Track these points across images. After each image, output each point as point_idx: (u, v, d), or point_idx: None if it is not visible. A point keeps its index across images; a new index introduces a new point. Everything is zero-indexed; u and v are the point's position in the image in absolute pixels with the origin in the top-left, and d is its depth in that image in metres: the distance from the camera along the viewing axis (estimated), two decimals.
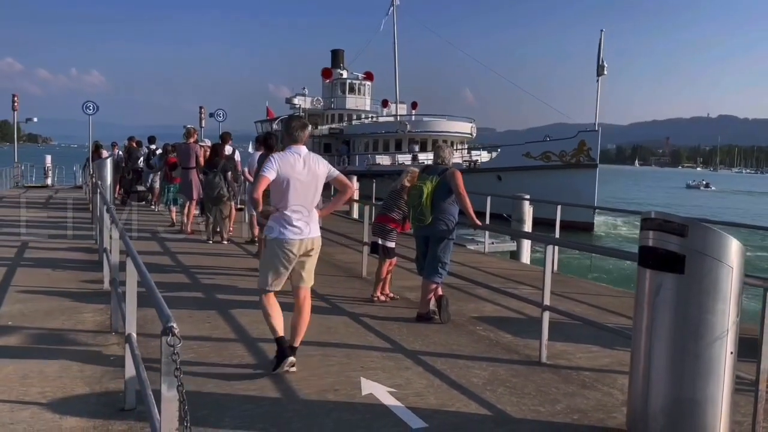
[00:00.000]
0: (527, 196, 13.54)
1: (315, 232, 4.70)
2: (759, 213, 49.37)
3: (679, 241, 3.40)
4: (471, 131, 42.23)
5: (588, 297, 7.93)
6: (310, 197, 4.63)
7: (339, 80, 46.51)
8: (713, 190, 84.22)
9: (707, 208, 49.50)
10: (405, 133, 39.78)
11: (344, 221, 14.67)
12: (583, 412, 4.15)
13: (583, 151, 29.50)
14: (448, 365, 4.98)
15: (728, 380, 3.38)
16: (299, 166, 4.57)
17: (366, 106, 47.10)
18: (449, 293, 6.97)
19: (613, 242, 24.38)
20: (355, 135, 43.37)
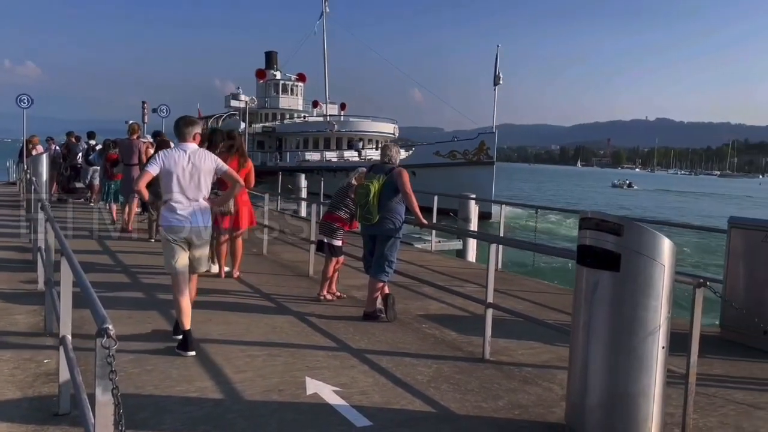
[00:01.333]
0: (473, 195, 13.73)
1: (201, 221, 5.09)
2: (668, 208, 51.66)
3: (615, 240, 3.51)
4: (393, 131, 46.10)
5: (531, 294, 8.11)
6: (193, 190, 5.03)
7: (273, 81, 49.34)
8: (635, 189, 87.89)
9: (615, 206, 52.08)
10: (333, 132, 43.64)
11: (290, 219, 14.55)
12: (524, 408, 4.24)
13: (483, 151, 32.89)
14: (394, 363, 5.01)
15: (660, 374, 3.51)
16: (183, 162, 5.02)
17: (299, 106, 50.23)
18: (396, 292, 7.00)
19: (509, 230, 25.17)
20: (286, 133, 46.47)
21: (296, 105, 50.19)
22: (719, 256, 6.47)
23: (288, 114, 49.29)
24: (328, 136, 44.09)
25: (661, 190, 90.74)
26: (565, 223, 30.15)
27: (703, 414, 4.23)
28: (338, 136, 44.21)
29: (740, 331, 6.03)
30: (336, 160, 41.29)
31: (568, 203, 52.70)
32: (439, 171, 32.14)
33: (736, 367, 5.40)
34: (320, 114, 49.18)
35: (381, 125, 46.21)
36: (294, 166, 38.54)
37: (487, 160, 32.62)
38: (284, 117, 49.09)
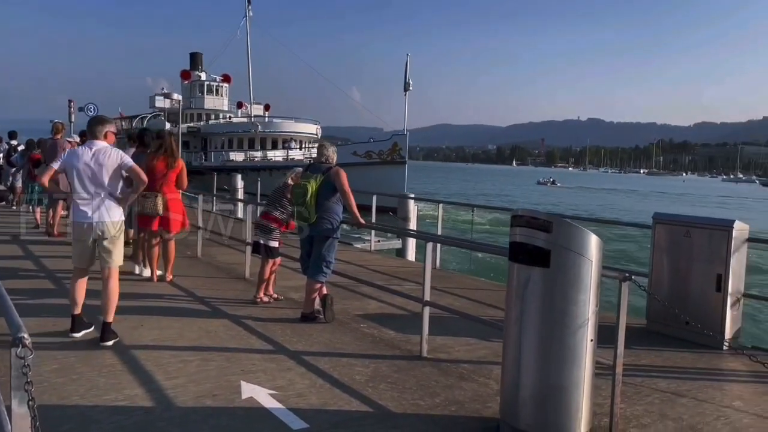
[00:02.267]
0: (412, 195, 13.84)
1: (105, 216, 5.23)
2: (595, 206, 53.76)
3: (544, 237, 3.59)
4: (316, 132, 48.45)
5: (468, 291, 8.24)
6: (95, 186, 5.18)
7: (198, 82, 50.31)
8: (558, 186, 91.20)
9: (534, 202, 54.25)
10: (257, 133, 45.34)
11: (226, 220, 14.27)
12: (460, 404, 4.29)
13: (396, 151, 35.41)
14: (332, 364, 4.98)
15: (589, 365, 3.61)
16: (86, 158, 5.19)
17: (224, 107, 51.53)
18: (334, 292, 6.97)
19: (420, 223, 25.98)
20: (211, 133, 47.52)
21: (221, 105, 51.47)
22: (647, 251, 6.73)
23: (213, 114, 50.80)
24: (252, 136, 45.78)
25: (581, 187, 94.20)
26: (483, 219, 30.95)
27: (630, 403, 4.39)
28: (262, 137, 46.03)
29: (665, 323, 6.29)
30: (260, 160, 43.04)
31: (487, 199, 54.19)
32: (356, 170, 34.75)
33: (661, 357, 5.63)
34: (245, 115, 50.71)
35: (304, 126, 48.64)
36: (219, 165, 40.23)
37: (399, 159, 35.15)
38: (209, 117, 50.49)
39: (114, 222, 5.28)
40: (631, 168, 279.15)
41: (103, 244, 5.27)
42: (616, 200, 61.06)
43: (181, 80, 50.25)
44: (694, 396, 4.64)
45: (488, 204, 33.16)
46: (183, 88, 50.59)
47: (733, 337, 5.98)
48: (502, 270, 3.87)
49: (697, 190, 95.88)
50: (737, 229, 5.92)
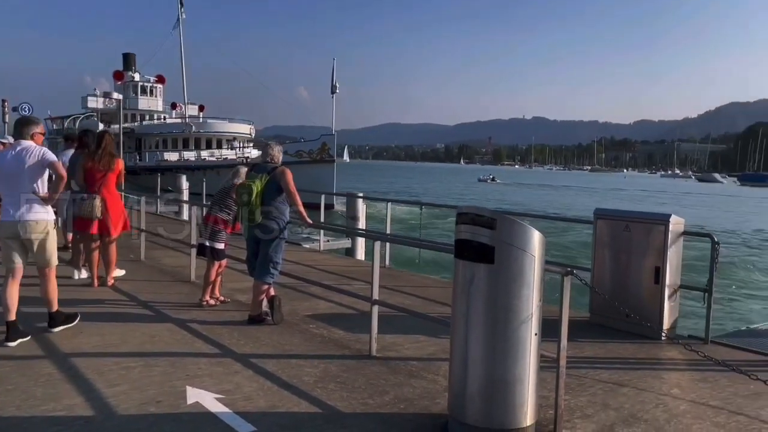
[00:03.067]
0: (360, 194, 13.82)
1: (28, 215, 5.23)
2: (542, 202, 55.12)
3: (489, 234, 3.64)
4: (250, 131, 50.01)
5: (418, 289, 8.28)
6: (19, 185, 5.20)
7: (131, 82, 50.81)
8: (498, 183, 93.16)
9: (467, 199, 55.23)
10: (191, 133, 46.51)
11: (170, 222, 13.97)
12: (409, 401, 4.30)
13: (325, 151, 36.94)
14: (280, 366, 4.92)
15: (534, 359, 3.68)
16: (10, 158, 5.23)
17: (158, 107, 52.44)
18: (282, 293, 6.90)
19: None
20: (145, 134, 48.28)
21: (156, 106, 52.37)
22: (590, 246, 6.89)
23: (147, 115, 51.49)
24: (186, 136, 46.79)
25: (518, 183, 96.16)
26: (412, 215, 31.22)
27: (574, 395, 4.50)
28: (196, 137, 47.09)
29: (607, 315, 6.47)
30: (194, 160, 43.91)
31: (433, 198, 54.81)
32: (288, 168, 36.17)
33: (604, 349, 5.78)
34: (180, 115, 51.41)
35: (237, 126, 50.00)
36: (153, 165, 41.40)
37: (328, 158, 36.74)
38: (144, 118, 51.11)
39: (38, 221, 5.26)
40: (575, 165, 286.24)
41: (32, 244, 5.28)
42: (556, 197, 62.55)
43: (113, 81, 50.34)
44: (635, 385, 4.79)
45: (423, 200, 33.50)
46: (116, 88, 50.79)
47: (671, 328, 6.20)
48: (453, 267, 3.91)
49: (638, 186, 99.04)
50: (673, 223, 6.13)
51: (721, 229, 30.88)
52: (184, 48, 51.49)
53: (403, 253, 15.50)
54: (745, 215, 44.15)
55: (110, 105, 49.34)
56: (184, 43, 51.40)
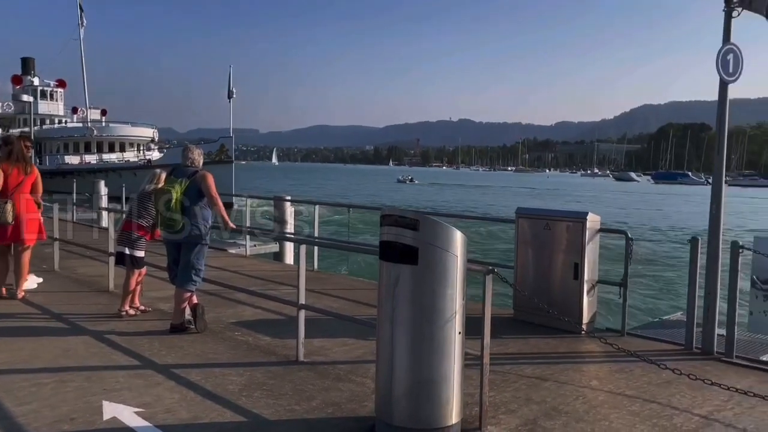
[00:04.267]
0: (288, 197, 13.66)
1: None
2: (470, 202, 56.47)
3: (412, 235, 3.66)
4: (153, 135, 50.80)
5: (346, 292, 8.25)
6: None
7: (30, 87, 49.78)
8: (416, 183, 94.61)
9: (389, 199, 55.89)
10: (93, 137, 46.86)
11: (86, 230, 13.36)
12: (337, 405, 4.27)
13: (223, 152, 38.32)
14: (204, 375, 4.79)
15: (458, 358, 3.73)
16: None
17: (59, 111, 52.38)
18: (206, 300, 6.73)
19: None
20: (46, 138, 47.80)
21: (56, 110, 52.28)
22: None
23: (48, 119, 51.12)
24: (88, 140, 47.09)
25: (433, 184, 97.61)
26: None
27: (499, 390, 4.59)
28: (98, 140, 47.41)
29: (530, 312, 6.65)
30: (95, 163, 44.31)
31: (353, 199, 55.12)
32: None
33: (528, 345, 5.94)
34: (81, 119, 51.55)
35: (140, 130, 50.66)
36: (53, 169, 41.37)
37: (227, 160, 37.90)
38: (44, 122, 50.54)
39: None
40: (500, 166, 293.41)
41: None
42: (475, 197, 63.81)
43: (12, 85, 50.02)
44: (557, 379, 4.94)
45: (345, 202, 33.59)
46: (15, 92, 50.06)
47: (589, 321, 6.43)
48: None
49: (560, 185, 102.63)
50: (590, 221, 6.37)
51: (637, 225, 32.40)
52: (84, 53, 52.32)
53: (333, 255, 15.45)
54: (659, 212, 46.51)
55: (8, 109, 49.79)
56: (85, 47, 52.06)
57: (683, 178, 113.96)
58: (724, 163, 5.77)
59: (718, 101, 5.70)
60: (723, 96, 5.67)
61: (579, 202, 56.01)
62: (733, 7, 5.50)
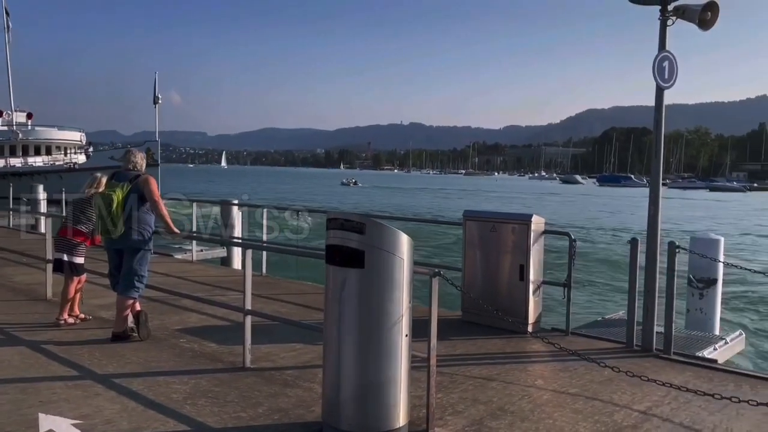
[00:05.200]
0: (236, 201, 13.45)
1: None
2: (421, 206, 56.95)
3: (358, 238, 3.66)
4: (80, 139, 50.72)
5: (295, 296, 8.17)
6: None
7: None
8: (360, 186, 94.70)
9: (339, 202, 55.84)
10: (18, 140, 46.01)
11: (20, 236, 12.86)
12: (284, 411, 4.23)
13: (150, 156, 37.80)
14: (146, 384, 4.66)
15: (405, 360, 3.74)
16: None
17: None
18: (151, 307, 6.57)
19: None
20: None
21: None
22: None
23: None
24: (13, 143, 46.54)
25: (376, 186, 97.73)
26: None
27: (446, 392, 4.63)
28: (24, 144, 47.06)
29: (477, 313, 6.72)
30: (20, 166, 43.91)
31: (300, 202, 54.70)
32: None
33: (475, 345, 6.01)
34: (6, 122, 50.66)
35: (67, 133, 50.30)
36: None
37: (152, 163, 38.09)
38: None
39: None
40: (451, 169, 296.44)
41: None
42: (424, 199, 64.19)
43: None
44: (503, 379, 5.01)
45: (289, 205, 33.49)
46: None
47: (535, 321, 6.56)
48: None
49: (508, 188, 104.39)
50: (535, 223, 6.49)
51: (583, 226, 33.22)
52: (10, 56, 50.39)
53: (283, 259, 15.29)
54: (603, 213, 47.81)
55: None
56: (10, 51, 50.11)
57: (626, 180, 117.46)
58: (662, 166, 5.98)
59: (655, 106, 5.91)
60: (659, 101, 5.88)
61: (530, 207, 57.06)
62: (667, 16, 5.71)
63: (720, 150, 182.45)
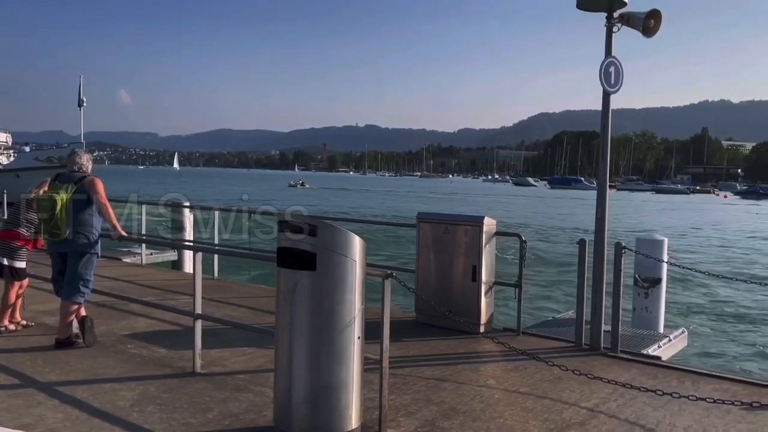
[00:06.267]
0: (187, 202, 13.20)
1: None
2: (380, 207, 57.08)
3: (310, 241, 3.64)
4: (6, 140, 49.55)
5: (248, 300, 8.07)
6: None
7: None
8: (307, 188, 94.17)
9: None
10: None
11: None
12: (235, 416, 4.17)
13: None
14: (92, 392, 4.53)
15: (357, 363, 3.73)
16: None
17: None
18: (97, 312, 6.39)
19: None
20: None
21: None
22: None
23: None
24: None
25: (324, 188, 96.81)
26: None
27: (399, 394, 4.64)
28: None
29: (431, 314, 6.76)
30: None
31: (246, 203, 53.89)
32: (37, 173, 34.27)
33: (428, 347, 6.04)
34: None
35: None
36: None
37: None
38: None
39: None
40: (406, 171, 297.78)
41: None
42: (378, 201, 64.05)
43: None
44: (455, 379, 5.05)
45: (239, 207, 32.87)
46: None
47: (487, 322, 6.64)
48: None
49: (462, 190, 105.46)
50: (486, 224, 6.57)
51: (535, 227, 33.83)
52: None
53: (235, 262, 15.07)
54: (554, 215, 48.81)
55: None
56: None
57: (576, 183, 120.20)
58: (608, 169, 6.14)
59: (602, 110, 6.06)
60: (606, 105, 6.04)
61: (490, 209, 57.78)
62: (613, 23, 5.87)
63: (665, 153, 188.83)
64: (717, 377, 5.29)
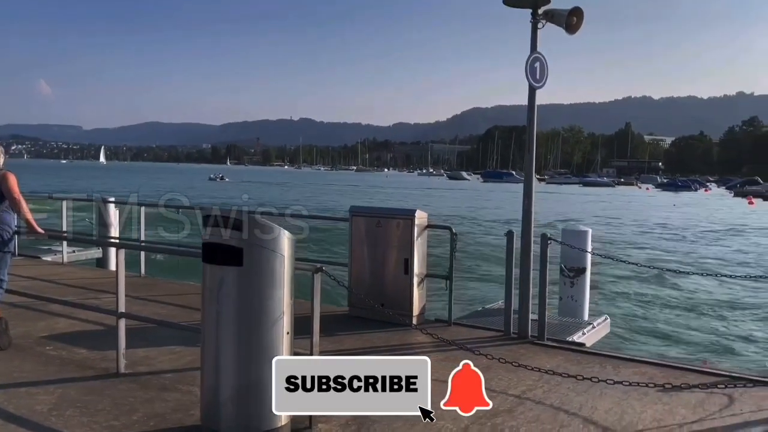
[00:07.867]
0: (112, 198, 12.72)
1: None
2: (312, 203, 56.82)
3: (236, 235, 3.57)
4: None
5: (176, 297, 7.86)
6: None
7: None
8: (227, 181, 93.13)
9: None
10: None
11: None
12: (161, 417, 4.05)
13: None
14: (6, 397, 4.31)
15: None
16: None
17: None
18: (13, 314, 6.08)
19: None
20: None
21: None
22: None
23: None
24: None
25: (246, 182, 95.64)
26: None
27: None
28: None
29: (364, 307, 6.78)
30: None
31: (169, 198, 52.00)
32: None
33: (362, 340, 6.06)
34: None
35: None
36: None
37: None
38: None
39: None
40: (342, 165, 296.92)
41: None
42: (304, 194, 63.43)
43: None
44: None
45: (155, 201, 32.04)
46: None
47: (420, 314, 6.71)
48: None
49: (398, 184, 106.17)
50: (418, 218, 6.64)
51: (467, 219, 34.45)
52: None
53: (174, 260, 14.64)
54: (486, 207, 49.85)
55: None
56: None
57: (508, 176, 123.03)
58: (534, 162, 6.30)
59: (528, 105, 6.22)
60: (532, 100, 6.19)
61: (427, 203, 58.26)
62: (538, 19, 6.02)
63: (592, 147, 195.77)
64: (636, 361, 5.54)
